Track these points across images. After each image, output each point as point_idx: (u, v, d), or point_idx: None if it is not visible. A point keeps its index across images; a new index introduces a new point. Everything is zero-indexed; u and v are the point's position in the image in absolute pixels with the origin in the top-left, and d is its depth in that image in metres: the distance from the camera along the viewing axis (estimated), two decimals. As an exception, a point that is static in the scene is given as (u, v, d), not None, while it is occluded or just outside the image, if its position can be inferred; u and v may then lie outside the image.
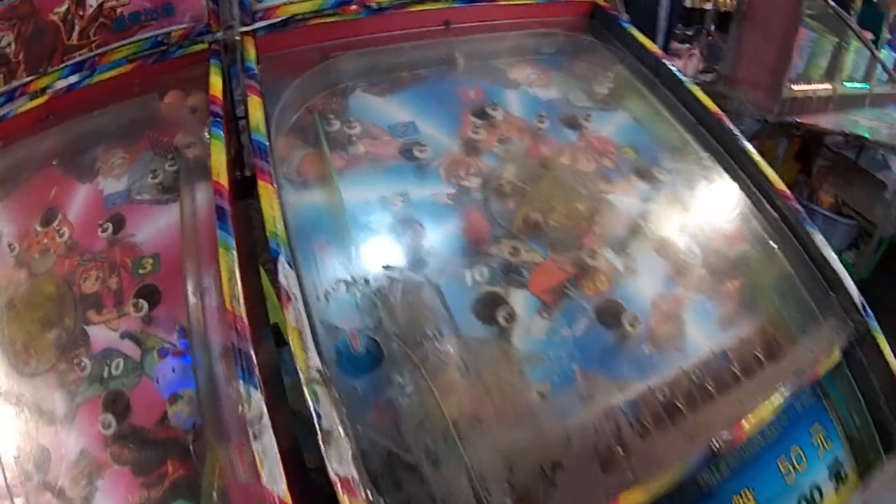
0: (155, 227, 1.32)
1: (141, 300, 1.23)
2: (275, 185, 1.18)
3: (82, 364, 1.23)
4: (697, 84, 1.56)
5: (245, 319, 1.07)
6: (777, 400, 1.22)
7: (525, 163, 1.37)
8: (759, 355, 1.28)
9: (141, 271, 1.28)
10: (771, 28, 3.10)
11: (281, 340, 1.15)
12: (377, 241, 1.22)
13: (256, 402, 1.00)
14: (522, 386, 1.11)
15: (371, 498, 0.94)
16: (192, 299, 1.20)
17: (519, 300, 1.20)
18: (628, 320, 1.20)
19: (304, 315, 1.06)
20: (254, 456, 0.98)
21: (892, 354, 1.36)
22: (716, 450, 1.14)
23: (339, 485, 0.93)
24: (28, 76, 1.56)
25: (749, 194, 1.46)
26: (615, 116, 1.55)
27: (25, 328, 1.32)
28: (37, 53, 1.55)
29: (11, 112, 1.55)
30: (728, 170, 1.49)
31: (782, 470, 1.29)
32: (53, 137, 1.53)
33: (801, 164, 3.52)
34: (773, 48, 3.08)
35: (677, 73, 1.56)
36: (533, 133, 1.44)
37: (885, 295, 1.43)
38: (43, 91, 1.54)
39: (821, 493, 1.31)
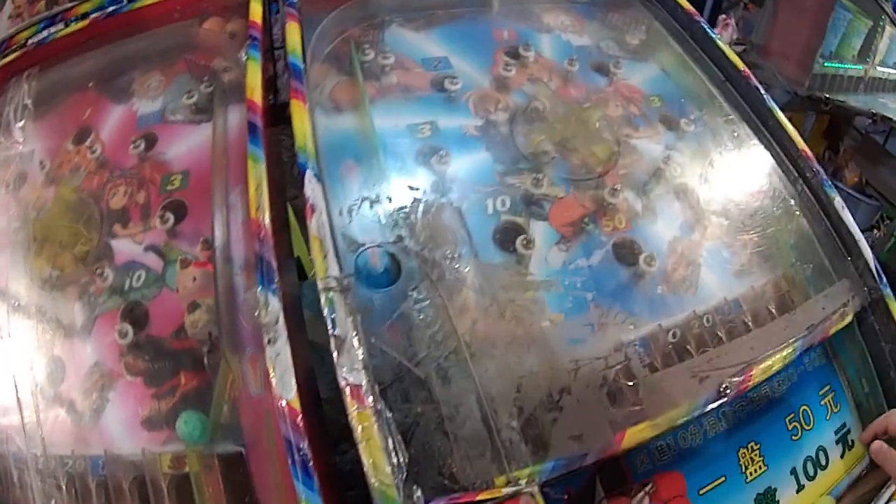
0: (186, 145, 1.35)
1: (168, 212, 1.26)
2: (307, 105, 1.22)
3: (104, 275, 1.25)
4: (728, 52, 1.59)
5: (269, 229, 1.10)
6: (788, 351, 1.23)
7: (553, 102, 1.38)
8: (772, 307, 1.29)
9: (169, 187, 1.31)
10: (805, 3, 3.08)
11: (303, 274, 1.17)
12: (403, 164, 1.24)
13: (273, 309, 1.03)
14: (535, 310, 1.12)
15: (378, 407, 0.96)
16: (217, 213, 1.23)
17: (539, 231, 1.22)
18: (644, 259, 1.22)
19: (326, 226, 1.09)
20: (266, 364, 1.01)
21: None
22: (724, 392, 1.15)
23: (348, 392, 0.96)
24: (70, 2, 1.62)
25: (772, 152, 1.47)
26: (645, 67, 1.56)
27: (51, 243, 1.34)
28: (82, -21, 1.61)
29: (50, 36, 1.59)
30: (752, 126, 1.50)
31: (789, 427, 1.31)
32: (91, 61, 1.56)
33: (828, 142, 3.53)
34: (806, 23, 3.06)
35: (708, 31, 1.58)
36: (563, 75, 1.45)
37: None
38: (84, 16, 1.58)
39: (827, 457, 1.32)
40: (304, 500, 0.93)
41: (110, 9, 1.55)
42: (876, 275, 1.38)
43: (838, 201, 1.40)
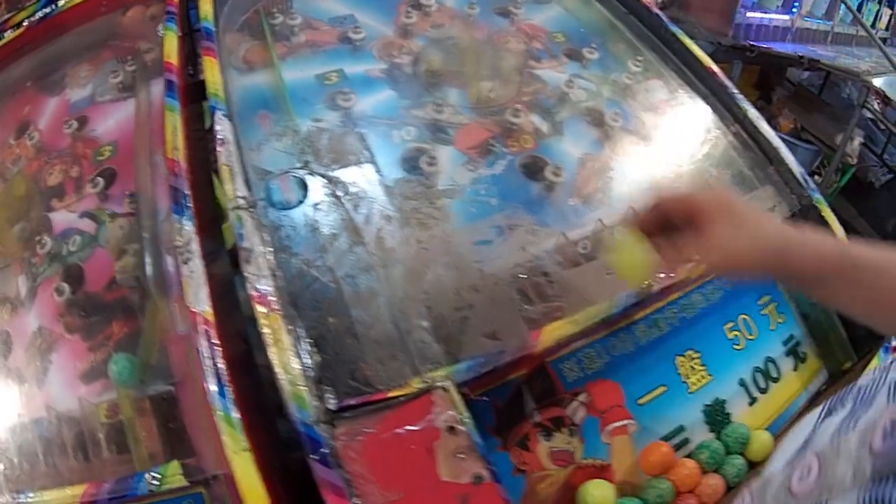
0: (114, 120, 1.39)
1: (98, 178, 1.29)
2: (219, 61, 1.25)
3: (44, 244, 1.27)
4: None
5: (183, 165, 1.12)
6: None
7: (455, 42, 1.43)
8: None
9: (99, 158, 1.34)
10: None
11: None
12: (311, 106, 1.27)
13: (187, 231, 1.05)
14: (440, 216, 1.14)
15: (286, 311, 0.97)
16: (141, 171, 1.26)
17: (444, 154, 1.24)
18: (550, 170, 1.24)
19: (235, 156, 1.10)
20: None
21: (840, 227, 1.35)
22: (643, 288, 1.14)
23: (256, 298, 0.97)
24: (7, 14, 1.67)
25: (678, 73, 1.50)
26: (547, 8, 1.60)
27: (-1, 229, 1.37)
28: (17, -8, 1.67)
29: (-8, 49, 1.65)
30: (657, 51, 1.53)
31: (730, 336, 1.29)
32: (27, 64, 1.60)
33: (760, 92, 3.54)
34: None
35: None
36: (464, 19, 1.50)
37: (849, 223, 1.42)
38: (19, 25, 1.63)
39: (777, 368, 1.29)
40: (221, 412, 0.92)
41: (41, 13, 1.59)
42: (803, 181, 1.37)
43: (752, 112, 1.41)
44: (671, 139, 1.40)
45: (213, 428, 0.95)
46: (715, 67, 1.46)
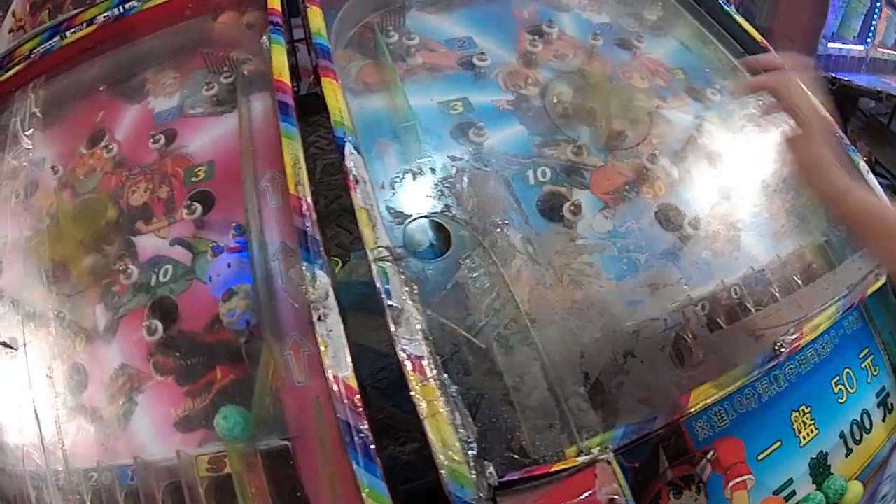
0: (209, 137, 1.26)
1: (195, 203, 1.15)
2: (339, 82, 1.12)
3: (128, 273, 1.13)
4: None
5: (310, 203, 1.01)
6: (832, 310, 1.17)
7: (582, 75, 1.32)
8: (815, 267, 1.23)
9: (193, 179, 1.21)
10: (806, -17, 2.99)
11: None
12: (440, 139, 1.15)
13: (322, 283, 0.92)
14: (592, 273, 1.04)
15: (443, 379, 0.86)
16: (249, 200, 1.12)
17: (582, 199, 1.13)
18: (689, 222, 1.15)
19: (372, 197, 0.99)
20: (312, 346, 0.92)
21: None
22: (778, 350, 1.08)
23: (409, 365, 0.86)
24: (74, 10, 1.52)
25: (795, 119, 1.41)
26: (665, 41, 1.50)
27: (68, 246, 1.23)
28: (86, -14, 1.51)
29: (55, 45, 1.49)
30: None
31: (835, 391, 1.24)
32: (100, 65, 1.46)
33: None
34: (808, 4, 2.99)
35: (723, 4, 1.53)
36: (588, 51, 1.39)
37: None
38: (90, 22, 1.48)
39: (870, 420, 1.25)
40: (368, 488, 0.82)
41: (118, 11, 1.44)
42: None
43: (863, 164, 1.34)
44: (791, 188, 1.31)
45: (346, 492, 0.86)
46: (829, 117, 1.38)
